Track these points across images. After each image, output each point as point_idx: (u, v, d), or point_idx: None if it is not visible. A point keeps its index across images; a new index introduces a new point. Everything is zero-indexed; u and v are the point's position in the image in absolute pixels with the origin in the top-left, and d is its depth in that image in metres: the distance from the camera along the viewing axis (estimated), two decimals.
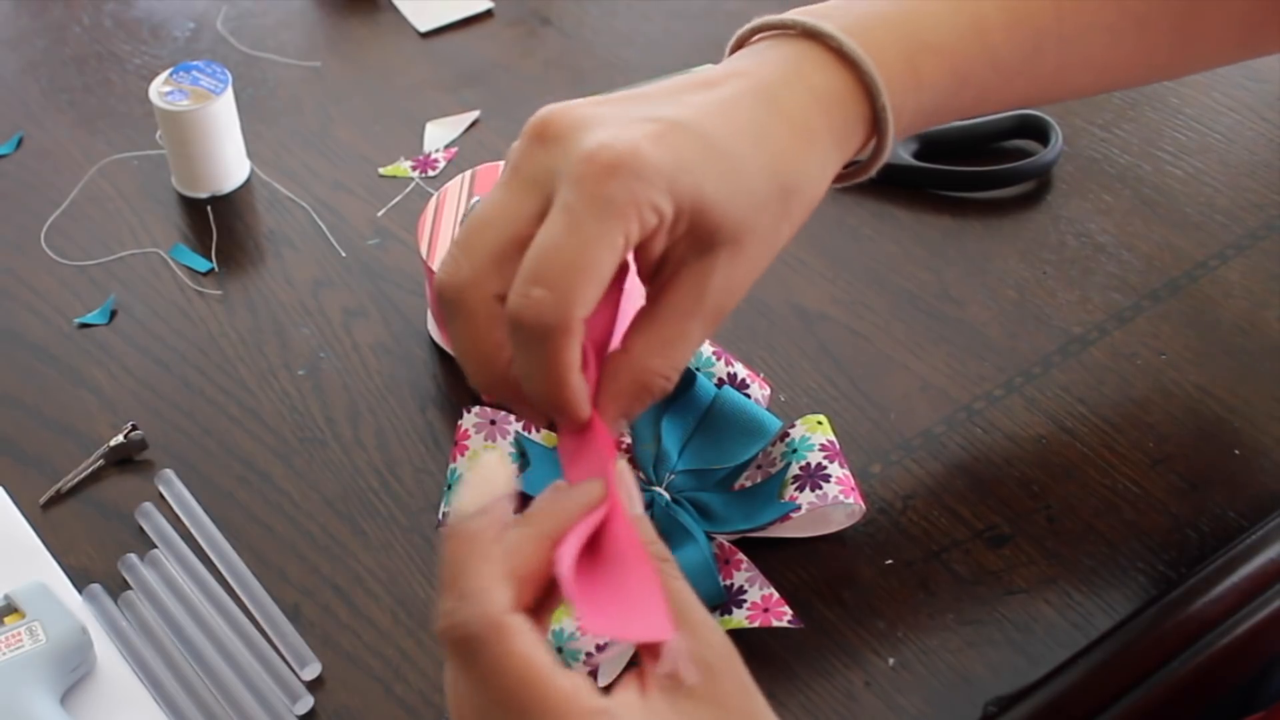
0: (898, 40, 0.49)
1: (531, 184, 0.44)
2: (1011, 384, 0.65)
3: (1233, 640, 0.53)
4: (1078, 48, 0.53)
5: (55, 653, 0.54)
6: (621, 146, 0.42)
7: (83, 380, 0.68)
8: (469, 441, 0.57)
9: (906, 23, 0.49)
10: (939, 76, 0.50)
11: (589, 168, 0.42)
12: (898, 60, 0.48)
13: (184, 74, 0.76)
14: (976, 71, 0.51)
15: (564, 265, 0.42)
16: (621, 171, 0.42)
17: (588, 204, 0.42)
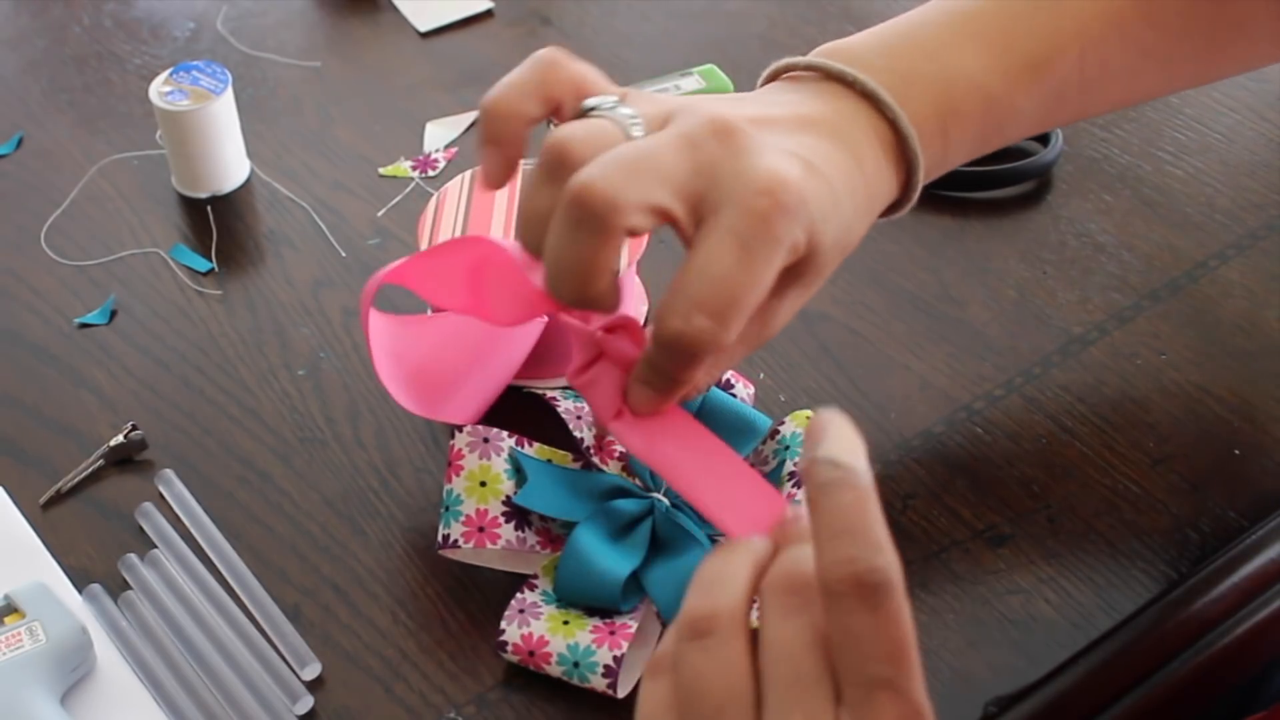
0: (933, 104, 0.51)
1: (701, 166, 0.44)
2: (1011, 384, 0.65)
3: (1233, 640, 0.53)
4: (1097, 91, 0.55)
5: (55, 653, 0.54)
6: (791, 185, 0.44)
7: (83, 380, 0.68)
8: (463, 461, 0.57)
9: (941, 87, 0.51)
10: (965, 137, 0.52)
11: (765, 202, 0.43)
12: (931, 123, 0.51)
13: (184, 74, 0.76)
14: (999, 128, 0.54)
15: (732, 299, 0.43)
16: (792, 213, 0.44)
17: (762, 242, 0.43)
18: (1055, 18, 0.53)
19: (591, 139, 0.44)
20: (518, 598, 0.55)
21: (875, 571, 0.37)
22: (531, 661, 0.53)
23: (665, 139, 0.44)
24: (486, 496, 0.56)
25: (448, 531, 0.56)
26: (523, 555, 0.57)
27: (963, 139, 0.52)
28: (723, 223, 0.43)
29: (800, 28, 0.88)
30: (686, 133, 0.45)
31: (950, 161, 0.53)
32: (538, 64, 0.47)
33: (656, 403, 0.46)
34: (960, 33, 0.52)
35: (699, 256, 0.43)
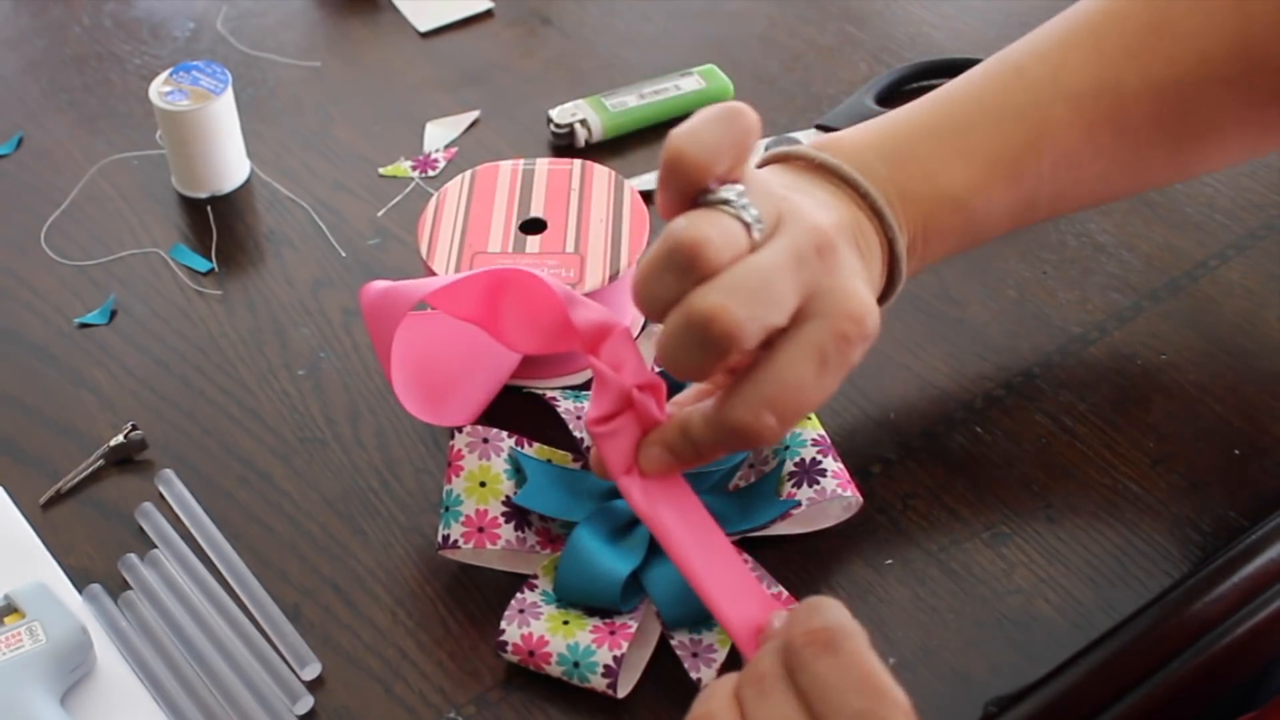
0: (922, 223, 0.55)
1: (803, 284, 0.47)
2: (1011, 384, 0.65)
3: (1233, 640, 0.53)
4: (1069, 196, 0.59)
5: (55, 653, 0.54)
6: (877, 319, 0.48)
7: (83, 380, 0.68)
8: (463, 461, 0.57)
9: (931, 205, 0.55)
10: (944, 246, 0.57)
11: (855, 330, 0.47)
12: (917, 240, 0.55)
13: (184, 74, 0.76)
14: (974, 236, 0.58)
15: (799, 407, 0.47)
16: (870, 341, 0.48)
17: (840, 364, 0.47)
18: (1033, 128, 0.56)
19: (725, 245, 0.46)
20: (518, 598, 0.55)
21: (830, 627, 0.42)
22: (531, 661, 0.53)
23: (781, 259, 0.46)
24: (486, 497, 0.56)
25: (448, 532, 0.56)
26: (523, 555, 0.57)
27: (941, 246, 0.56)
28: (810, 336, 0.47)
29: (800, 28, 0.88)
30: (796, 250, 0.47)
31: (925, 264, 0.57)
32: (736, 122, 0.47)
33: (668, 468, 0.50)
34: (953, 150, 0.56)
35: (781, 361, 0.46)
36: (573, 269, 0.63)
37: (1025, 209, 0.58)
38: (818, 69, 0.85)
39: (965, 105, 0.57)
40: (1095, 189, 0.59)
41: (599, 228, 0.65)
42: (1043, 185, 0.57)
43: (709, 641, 0.53)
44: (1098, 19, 0.57)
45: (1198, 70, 0.56)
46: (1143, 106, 0.56)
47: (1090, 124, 0.56)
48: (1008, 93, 0.57)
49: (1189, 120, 0.57)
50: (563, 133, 0.79)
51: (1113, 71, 0.56)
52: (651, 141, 0.80)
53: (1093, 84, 0.56)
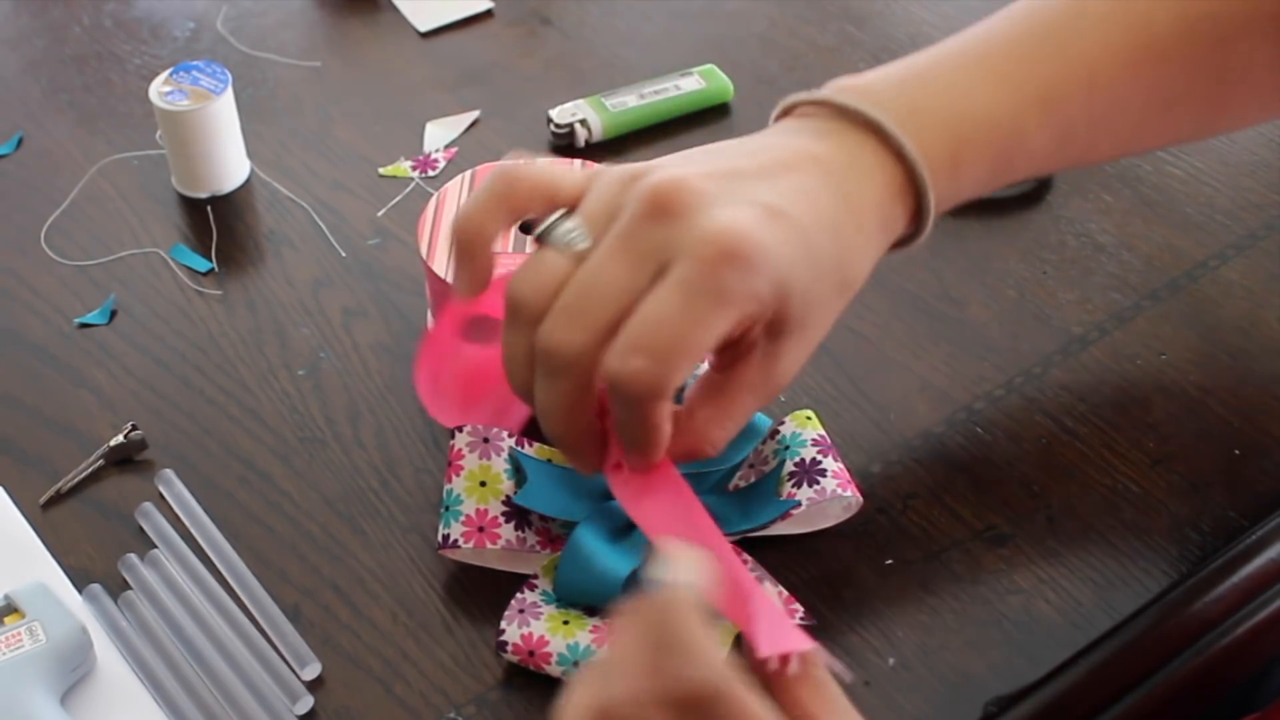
0: (944, 139, 0.51)
1: (645, 256, 0.45)
2: (1011, 384, 0.65)
3: (1233, 640, 0.53)
4: (1105, 130, 0.55)
5: (55, 653, 0.54)
6: (743, 235, 0.44)
7: (83, 380, 0.68)
8: (463, 461, 0.57)
9: (952, 119, 0.52)
10: (977, 171, 0.53)
11: (711, 250, 0.44)
12: (943, 157, 0.51)
13: (184, 74, 0.76)
14: (1011, 163, 0.54)
15: (669, 341, 0.44)
16: (741, 261, 0.44)
17: (705, 287, 0.44)
18: (1065, 55, 0.54)
19: (540, 285, 0.46)
20: (518, 598, 0.55)
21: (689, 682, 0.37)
22: (531, 661, 0.53)
23: (602, 256, 0.46)
24: (486, 496, 0.56)
25: (448, 531, 0.56)
26: (523, 555, 0.57)
27: (974, 170, 0.53)
28: (672, 275, 0.44)
29: (800, 28, 0.88)
30: (622, 233, 0.46)
31: (962, 193, 0.53)
32: (496, 182, 0.49)
33: (640, 456, 0.48)
34: (972, 70, 0.53)
35: (644, 304, 0.44)
36: None
37: (1063, 136, 0.54)
38: (818, 69, 0.85)
39: (990, 34, 0.55)
40: (1132, 129, 0.57)
41: None
42: (1078, 111, 0.54)
43: None
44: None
45: (1228, 5, 0.54)
46: (1174, 41, 0.54)
47: (1123, 56, 0.54)
48: (1034, 21, 0.54)
49: (1224, 59, 0.55)
50: (563, 133, 0.79)
51: (1142, 5, 0.54)
52: (651, 141, 0.80)
53: (1122, 17, 0.54)
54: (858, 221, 0.49)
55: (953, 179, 0.52)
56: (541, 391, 0.46)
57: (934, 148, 0.51)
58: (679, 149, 0.78)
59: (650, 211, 0.45)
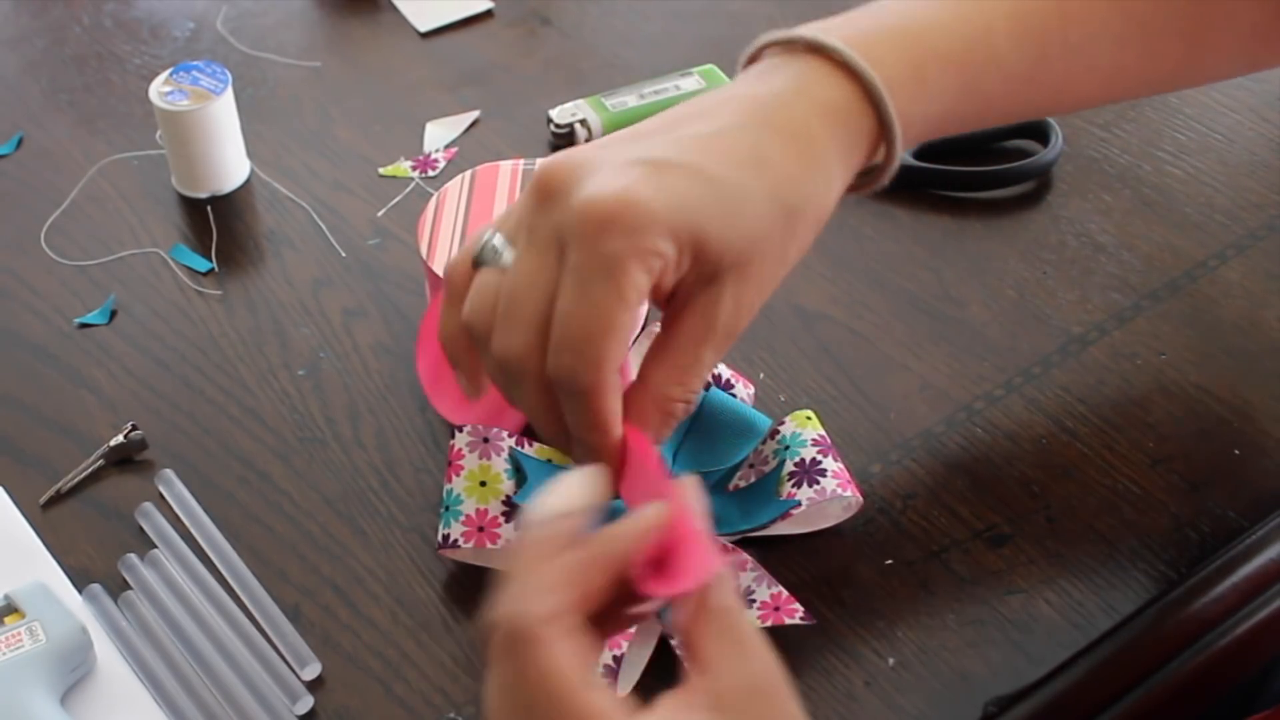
0: (903, 50, 0.49)
1: (546, 245, 0.44)
2: (1011, 384, 0.65)
3: (1233, 640, 0.53)
4: (1083, 56, 0.53)
5: (55, 653, 0.54)
6: (612, 197, 0.43)
7: (83, 380, 0.68)
8: (463, 461, 0.57)
9: (911, 33, 0.49)
10: (945, 84, 0.50)
11: (585, 225, 0.43)
12: (904, 69, 0.48)
13: (184, 74, 0.76)
14: (983, 79, 0.51)
15: (583, 331, 0.43)
16: (617, 225, 0.43)
17: (591, 264, 0.43)
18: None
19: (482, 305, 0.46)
20: None
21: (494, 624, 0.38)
22: None
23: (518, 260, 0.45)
24: (486, 496, 0.56)
25: (448, 531, 0.56)
26: None
27: (942, 83, 0.50)
28: (568, 262, 0.44)
29: None
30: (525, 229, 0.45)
31: (933, 109, 0.50)
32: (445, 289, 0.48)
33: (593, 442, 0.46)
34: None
35: (558, 299, 0.44)
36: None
37: (1037, 53, 0.52)
38: None
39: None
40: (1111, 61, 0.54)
41: None
42: (1051, 25, 0.52)
43: None
44: None
45: None
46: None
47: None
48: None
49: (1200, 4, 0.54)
50: (563, 133, 0.79)
51: None
52: None
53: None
54: (794, 146, 0.47)
55: (919, 93, 0.49)
56: (515, 399, 0.46)
57: (893, 63, 0.48)
58: None
59: (538, 199, 0.45)
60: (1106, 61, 0.54)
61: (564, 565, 0.38)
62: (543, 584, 0.38)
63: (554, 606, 0.37)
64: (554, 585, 0.38)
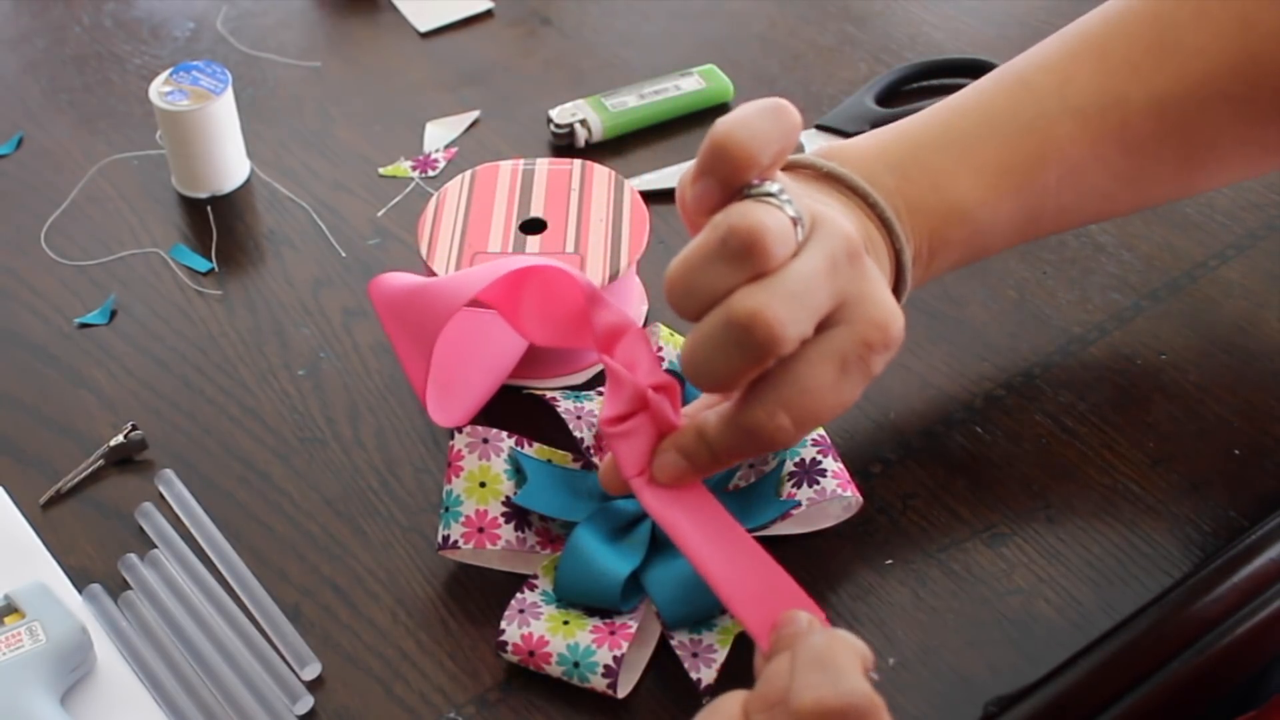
0: (929, 236, 0.55)
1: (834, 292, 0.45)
2: (1011, 384, 0.65)
3: (1233, 640, 0.53)
4: (1072, 213, 0.59)
5: (55, 653, 0.54)
6: (902, 327, 0.47)
7: (83, 380, 0.68)
8: (463, 462, 0.57)
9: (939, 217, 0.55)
10: (948, 260, 0.57)
11: (880, 337, 0.46)
12: (923, 252, 0.55)
13: (184, 74, 0.76)
14: (980, 249, 0.58)
15: (816, 412, 0.46)
16: (894, 351, 0.47)
17: (861, 371, 0.46)
18: (1041, 145, 0.56)
19: (783, 239, 0.44)
20: (518, 598, 0.55)
21: (843, 695, 0.40)
22: (531, 662, 0.53)
23: (818, 265, 0.45)
24: (486, 497, 0.56)
25: (447, 532, 0.56)
26: (523, 555, 0.57)
27: (943, 264, 0.57)
28: (833, 342, 0.45)
29: (800, 28, 0.88)
30: (832, 255, 0.45)
31: (928, 278, 0.57)
32: (782, 117, 0.45)
33: (683, 475, 0.48)
34: (963, 161, 0.55)
35: (801, 365, 0.45)
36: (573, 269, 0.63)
37: (1029, 222, 0.58)
38: (818, 69, 0.85)
39: (973, 117, 0.57)
40: (1099, 204, 0.59)
41: (599, 228, 0.65)
42: (1048, 199, 0.57)
43: (709, 642, 0.53)
44: (1103, 31, 0.57)
45: (1201, 86, 0.56)
46: (1147, 122, 0.56)
47: (1096, 138, 0.56)
48: (1015, 105, 0.57)
49: (1192, 136, 0.57)
50: (563, 133, 0.79)
51: (1118, 86, 0.56)
52: (652, 141, 0.80)
53: (1098, 97, 0.56)
54: None
55: (927, 265, 0.56)
56: (722, 358, 0.44)
57: (917, 244, 0.54)
58: (679, 149, 0.79)
59: (848, 254, 0.46)
60: (1094, 209, 0.60)
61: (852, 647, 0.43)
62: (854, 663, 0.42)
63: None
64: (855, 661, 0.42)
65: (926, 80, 0.82)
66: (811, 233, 0.46)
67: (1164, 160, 0.58)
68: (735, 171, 0.44)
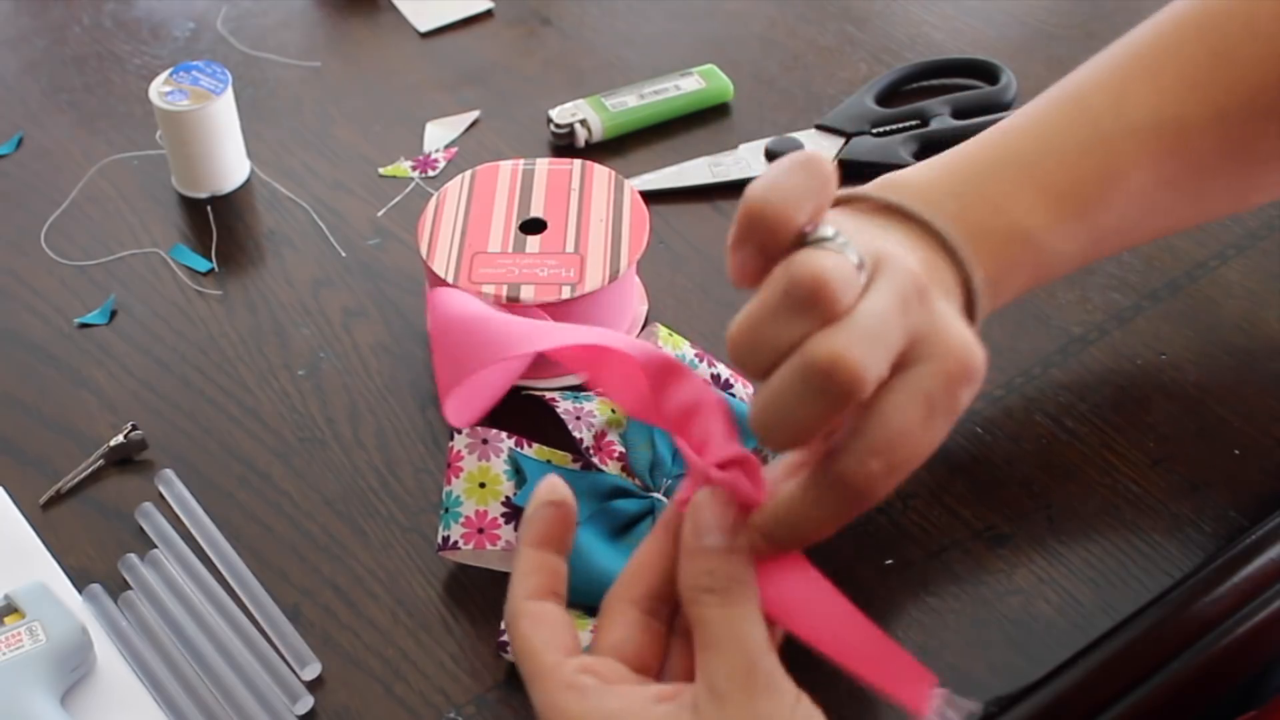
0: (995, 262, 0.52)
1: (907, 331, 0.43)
2: (1011, 384, 0.65)
3: (1233, 640, 0.53)
4: (1134, 232, 0.58)
5: (55, 653, 0.54)
6: (979, 356, 0.45)
7: (83, 380, 0.68)
8: (462, 463, 0.57)
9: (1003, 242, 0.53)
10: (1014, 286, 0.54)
11: (961, 370, 0.44)
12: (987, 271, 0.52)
13: (184, 74, 0.76)
14: (1044, 271, 0.55)
15: (909, 456, 0.44)
16: (977, 382, 0.45)
17: (948, 406, 0.44)
18: (1102, 166, 0.55)
19: (847, 282, 0.42)
20: None
21: None
22: None
23: (889, 303, 0.43)
24: (486, 498, 0.56)
25: (447, 533, 0.56)
26: None
27: (1010, 290, 0.54)
28: (915, 381, 0.43)
29: (800, 28, 0.88)
30: (901, 293, 0.44)
31: (994, 307, 0.54)
32: (814, 170, 0.44)
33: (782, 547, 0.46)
34: (1024, 183, 0.54)
35: (887, 407, 0.43)
36: (573, 269, 0.63)
37: (1094, 243, 0.56)
38: (818, 69, 0.85)
39: (1031, 139, 0.55)
40: (1160, 221, 0.59)
41: (599, 228, 0.65)
42: (1110, 218, 0.55)
43: None
44: (1154, 46, 0.57)
45: (1257, 98, 0.55)
46: (1206, 138, 0.55)
47: (1155, 156, 0.55)
48: (1073, 126, 0.55)
49: (1250, 148, 0.56)
50: (563, 133, 0.79)
51: (1175, 103, 0.55)
52: (652, 141, 0.80)
53: (1154, 116, 0.55)
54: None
55: (994, 293, 0.53)
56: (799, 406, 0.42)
57: (982, 266, 0.52)
58: (679, 149, 0.79)
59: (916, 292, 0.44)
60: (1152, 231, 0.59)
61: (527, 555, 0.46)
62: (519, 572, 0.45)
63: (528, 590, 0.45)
64: (526, 572, 0.45)
65: (926, 80, 0.82)
66: (876, 273, 0.44)
67: (1223, 174, 0.57)
68: (772, 236, 0.43)
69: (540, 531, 0.46)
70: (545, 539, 0.46)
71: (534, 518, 0.46)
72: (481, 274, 0.63)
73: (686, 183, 0.76)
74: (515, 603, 0.44)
